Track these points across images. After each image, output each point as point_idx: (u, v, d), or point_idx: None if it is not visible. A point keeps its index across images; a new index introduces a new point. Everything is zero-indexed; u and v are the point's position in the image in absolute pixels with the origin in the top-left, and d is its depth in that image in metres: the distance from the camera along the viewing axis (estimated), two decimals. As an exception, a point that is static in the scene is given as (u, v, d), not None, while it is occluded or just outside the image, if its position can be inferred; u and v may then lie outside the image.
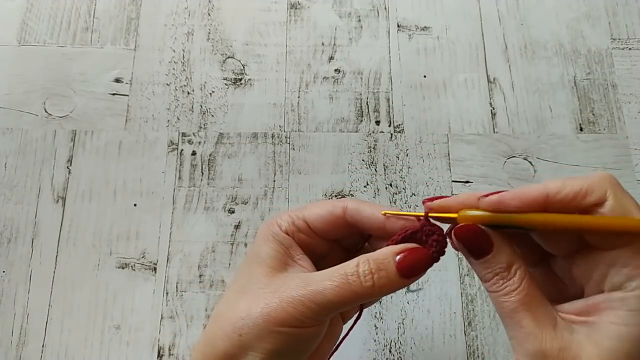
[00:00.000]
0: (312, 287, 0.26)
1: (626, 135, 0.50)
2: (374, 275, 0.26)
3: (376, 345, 0.44)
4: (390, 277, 0.26)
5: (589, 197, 0.24)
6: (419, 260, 0.26)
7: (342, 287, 0.25)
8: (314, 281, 0.26)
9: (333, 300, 0.25)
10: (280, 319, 0.25)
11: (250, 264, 0.29)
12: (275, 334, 0.25)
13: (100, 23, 0.53)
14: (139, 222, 0.47)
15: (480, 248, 0.26)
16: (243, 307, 0.26)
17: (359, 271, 0.26)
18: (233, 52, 0.52)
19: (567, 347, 0.23)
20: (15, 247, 0.46)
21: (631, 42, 0.53)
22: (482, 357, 0.43)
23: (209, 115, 0.50)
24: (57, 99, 0.50)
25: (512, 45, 0.53)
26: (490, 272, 0.25)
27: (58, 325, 0.44)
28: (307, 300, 0.25)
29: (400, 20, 0.54)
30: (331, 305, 0.25)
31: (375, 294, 0.26)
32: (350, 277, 0.26)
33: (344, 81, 0.52)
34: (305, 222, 0.29)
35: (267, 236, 0.29)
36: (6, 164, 0.48)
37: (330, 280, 0.26)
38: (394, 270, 0.26)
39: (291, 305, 0.25)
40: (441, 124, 0.50)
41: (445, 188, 0.48)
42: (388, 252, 0.27)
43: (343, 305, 0.26)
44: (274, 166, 0.49)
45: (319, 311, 0.25)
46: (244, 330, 0.26)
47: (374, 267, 0.26)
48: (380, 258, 0.26)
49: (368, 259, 0.26)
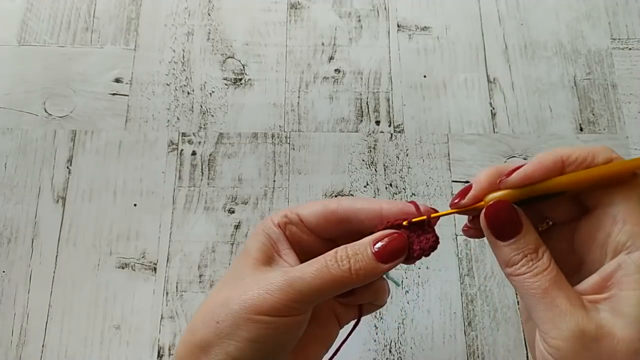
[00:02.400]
0: (291, 274, 0.26)
1: (626, 135, 0.50)
2: (350, 260, 0.26)
3: (376, 345, 0.44)
4: (366, 260, 0.26)
5: (597, 158, 0.25)
6: (395, 243, 0.27)
7: (321, 272, 0.26)
8: (294, 271, 0.26)
9: (311, 285, 0.25)
10: (257, 306, 0.25)
11: (237, 258, 0.29)
12: (252, 322, 0.25)
13: (100, 23, 0.53)
14: (139, 222, 0.47)
15: (511, 227, 0.25)
16: (222, 296, 0.27)
17: (336, 257, 0.26)
18: (233, 52, 0.52)
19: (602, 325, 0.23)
20: (15, 247, 0.46)
21: (631, 42, 0.53)
22: (482, 357, 0.43)
23: (209, 115, 0.50)
24: (57, 99, 0.50)
25: (512, 45, 0.53)
26: (519, 253, 0.25)
27: (58, 325, 0.44)
28: (286, 286, 0.25)
29: (400, 20, 0.54)
30: (309, 292, 0.26)
31: (354, 278, 0.26)
32: (328, 262, 0.26)
33: (344, 81, 0.52)
34: (297, 215, 0.29)
35: (258, 231, 0.29)
36: (6, 164, 0.48)
37: (309, 266, 0.26)
38: (369, 253, 0.26)
39: (269, 293, 0.25)
40: (441, 124, 0.50)
41: (445, 188, 0.48)
42: (365, 239, 0.27)
43: (322, 291, 0.26)
44: (274, 166, 0.49)
45: (297, 298, 0.25)
46: (221, 318, 0.26)
47: (350, 252, 0.26)
48: (357, 244, 0.27)
49: (346, 246, 0.27)
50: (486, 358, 0.43)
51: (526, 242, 0.25)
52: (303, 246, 0.30)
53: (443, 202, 0.47)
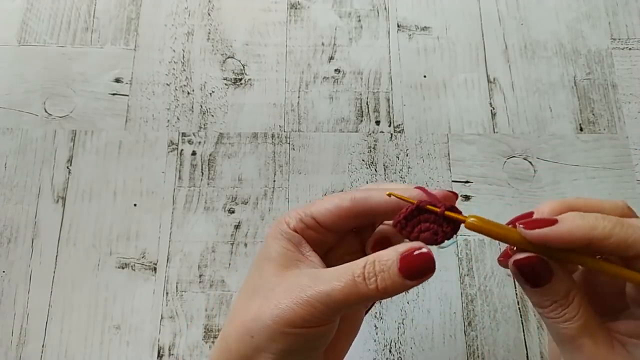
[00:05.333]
0: (320, 287, 0.26)
1: (626, 135, 0.50)
2: (377, 277, 0.25)
3: (376, 345, 0.44)
4: (393, 278, 0.25)
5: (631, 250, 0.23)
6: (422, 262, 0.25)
7: (349, 288, 0.25)
8: (322, 281, 0.26)
9: (340, 301, 0.25)
10: (289, 320, 0.25)
11: (260, 263, 0.29)
12: (286, 335, 0.26)
13: (100, 23, 0.53)
14: (139, 222, 0.47)
15: (539, 277, 0.25)
16: (254, 309, 0.27)
17: (364, 273, 0.25)
18: (233, 52, 0.52)
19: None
20: (15, 247, 0.46)
21: (631, 42, 0.53)
22: (482, 357, 0.43)
23: (209, 115, 0.50)
24: (57, 99, 0.50)
25: (512, 45, 0.53)
26: (548, 299, 0.25)
27: (58, 325, 0.44)
28: (315, 301, 0.25)
29: (400, 20, 0.54)
30: (338, 306, 0.26)
31: (380, 295, 0.26)
32: (357, 278, 0.25)
33: (344, 81, 0.52)
34: (313, 218, 0.29)
35: (275, 235, 0.29)
36: (6, 164, 0.48)
37: (338, 280, 0.25)
38: (396, 272, 0.25)
39: (300, 307, 0.25)
40: (441, 124, 0.50)
41: (445, 188, 0.48)
42: (393, 252, 0.26)
43: (349, 306, 0.26)
44: (274, 166, 0.49)
45: (326, 312, 0.26)
46: (255, 332, 0.26)
47: (377, 268, 0.25)
48: (384, 259, 0.26)
49: (374, 260, 0.26)
50: (486, 358, 0.43)
51: (556, 290, 0.25)
52: (321, 243, 0.30)
53: (443, 202, 0.47)
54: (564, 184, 0.48)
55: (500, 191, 0.48)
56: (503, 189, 0.48)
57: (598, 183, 0.48)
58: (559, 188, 0.48)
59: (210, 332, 0.44)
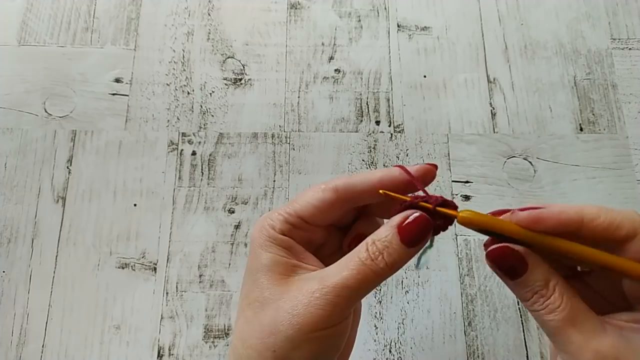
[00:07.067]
0: (332, 281, 0.25)
1: (626, 135, 0.50)
2: (383, 254, 0.26)
3: (376, 345, 0.44)
4: (398, 250, 0.26)
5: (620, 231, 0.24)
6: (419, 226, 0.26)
7: (362, 273, 0.25)
8: (331, 276, 0.26)
9: (355, 288, 0.25)
10: (310, 324, 0.25)
11: (255, 276, 0.28)
12: (309, 341, 0.25)
13: (100, 23, 0.53)
14: (139, 222, 0.47)
15: (514, 269, 0.25)
16: (267, 323, 0.26)
17: (370, 254, 0.26)
18: (233, 52, 0.52)
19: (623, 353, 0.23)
20: (15, 247, 0.46)
21: (631, 42, 0.53)
22: (482, 357, 0.43)
23: (209, 115, 0.50)
24: (57, 99, 0.50)
25: (512, 45, 0.53)
26: (528, 291, 0.25)
27: (58, 325, 0.44)
28: (332, 296, 0.25)
29: (400, 20, 0.54)
30: (355, 294, 0.25)
31: (391, 270, 0.26)
32: (365, 261, 0.25)
33: (344, 81, 0.52)
34: (298, 217, 0.28)
35: (263, 242, 0.28)
36: (6, 164, 0.48)
37: (347, 270, 0.25)
38: (398, 243, 0.26)
39: (317, 307, 0.25)
40: (441, 124, 0.50)
41: (445, 188, 0.48)
42: (389, 227, 0.26)
43: (366, 291, 0.26)
44: (274, 166, 0.49)
45: (344, 304, 0.25)
46: (276, 346, 0.25)
47: (380, 246, 0.26)
48: (384, 236, 0.26)
49: (374, 240, 0.26)
50: (486, 358, 0.43)
51: (534, 279, 0.25)
52: (309, 240, 0.29)
53: (443, 202, 0.47)
54: (564, 184, 0.48)
55: (500, 191, 0.48)
56: (503, 189, 0.48)
57: (598, 183, 0.48)
58: (559, 188, 0.48)
59: (210, 332, 0.44)
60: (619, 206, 0.47)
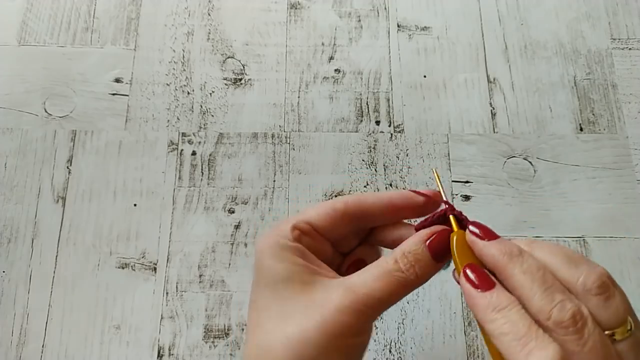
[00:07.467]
0: (361, 291, 0.25)
1: (626, 135, 0.50)
2: (415, 267, 0.26)
3: (376, 345, 0.44)
4: (428, 264, 0.26)
5: None
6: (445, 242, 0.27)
7: (390, 285, 0.25)
8: (358, 286, 0.26)
9: (384, 300, 0.25)
10: (339, 331, 0.25)
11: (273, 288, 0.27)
12: (337, 348, 0.25)
13: (100, 23, 0.53)
14: (139, 222, 0.47)
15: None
16: (295, 331, 0.25)
17: (400, 266, 0.26)
18: (233, 52, 0.52)
19: None
20: (15, 247, 0.46)
21: (631, 42, 0.53)
22: (482, 357, 0.43)
23: (209, 115, 0.50)
24: (57, 99, 0.50)
25: (512, 45, 0.53)
26: None
27: (58, 325, 0.44)
28: (361, 305, 0.25)
29: (400, 20, 0.54)
30: (383, 305, 0.26)
31: (418, 283, 0.26)
32: (395, 273, 0.26)
33: (344, 81, 0.52)
34: (308, 224, 0.28)
35: (275, 253, 0.27)
36: (6, 164, 0.48)
37: (376, 280, 0.26)
38: (429, 257, 0.26)
39: (347, 315, 0.25)
40: (441, 124, 0.50)
41: (446, 188, 0.48)
42: (418, 241, 0.27)
43: (393, 302, 0.26)
44: (274, 166, 0.49)
45: (371, 314, 0.25)
46: (306, 353, 0.25)
47: (412, 259, 0.26)
48: (414, 249, 0.26)
49: (404, 253, 0.26)
50: (486, 358, 0.43)
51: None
52: (318, 254, 0.29)
53: (443, 202, 0.47)
54: (564, 184, 0.48)
55: (500, 191, 0.48)
56: (503, 189, 0.48)
57: (598, 183, 0.48)
58: (559, 188, 0.48)
59: (210, 332, 0.44)
60: (619, 206, 0.47)
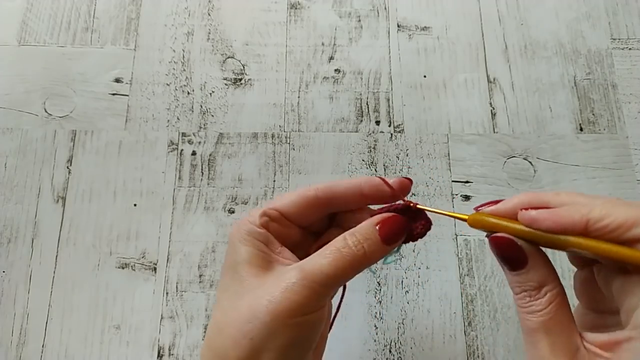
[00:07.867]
0: (309, 269, 0.26)
1: (626, 135, 0.50)
2: (363, 245, 0.27)
3: (376, 345, 0.44)
4: (376, 243, 0.27)
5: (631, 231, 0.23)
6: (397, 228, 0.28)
7: (338, 260, 0.26)
8: (308, 265, 0.26)
9: (332, 274, 0.26)
10: (287, 310, 0.25)
11: (234, 269, 0.28)
12: (286, 327, 0.25)
13: (100, 23, 0.53)
14: (139, 222, 0.47)
15: (513, 261, 0.26)
16: (245, 310, 0.26)
17: (349, 243, 0.27)
18: (233, 52, 0.52)
19: None
20: (15, 247, 0.46)
21: (631, 42, 0.53)
22: (482, 357, 0.43)
23: (209, 115, 0.50)
24: (57, 99, 0.50)
25: (512, 45, 0.53)
26: (519, 286, 0.25)
27: (58, 325, 0.44)
28: (309, 282, 0.25)
29: (400, 20, 0.54)
30: (332, 281, 0.26)
31: (367, 260, 0.27)
32: (342, 249, 0.27)
33: (344, 81, 0.52)
34: (277, 210, 0.29)
35: (242, 236, 0.29)
36: (6, 164, 0.48)
37: (325, 258, 0.26)
38: (378, 238, 0.28)
39: (295, 294, 0.25)
40: (441, 124, 0.50)
41: (445, 188, 0.48)
42: (369, 223, 0.28)
43: (342, 278, 0.27)
44: (274, 166, 0.49)
45: (322, 291, 0.26)
46: (253, 333, 0.25)
47: (360, 237, 0.27)
48: (364, 230, 0.28)
49: (353, 233, 0.28)
50: (486, 358, 0.43)
51: (528, 278, 0.25)
52: (286, 237, 0.30)
53: (443, 202, 0.47)
54: (564, 184, 0.48)
55: (500, 191, 0.48)
56: (503, 189, 0.48)
57: (598, 183, 0.48)
58: (559, 188, 0.48)
59: (210, 332, 0.44)
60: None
